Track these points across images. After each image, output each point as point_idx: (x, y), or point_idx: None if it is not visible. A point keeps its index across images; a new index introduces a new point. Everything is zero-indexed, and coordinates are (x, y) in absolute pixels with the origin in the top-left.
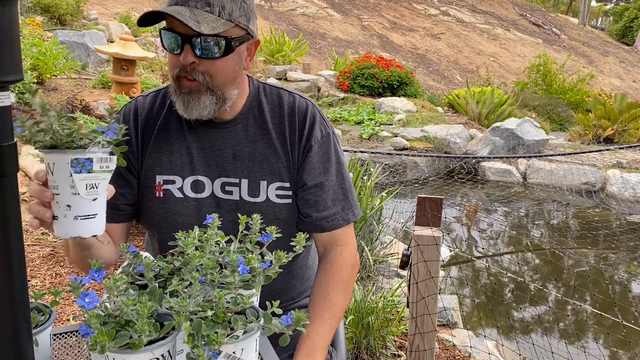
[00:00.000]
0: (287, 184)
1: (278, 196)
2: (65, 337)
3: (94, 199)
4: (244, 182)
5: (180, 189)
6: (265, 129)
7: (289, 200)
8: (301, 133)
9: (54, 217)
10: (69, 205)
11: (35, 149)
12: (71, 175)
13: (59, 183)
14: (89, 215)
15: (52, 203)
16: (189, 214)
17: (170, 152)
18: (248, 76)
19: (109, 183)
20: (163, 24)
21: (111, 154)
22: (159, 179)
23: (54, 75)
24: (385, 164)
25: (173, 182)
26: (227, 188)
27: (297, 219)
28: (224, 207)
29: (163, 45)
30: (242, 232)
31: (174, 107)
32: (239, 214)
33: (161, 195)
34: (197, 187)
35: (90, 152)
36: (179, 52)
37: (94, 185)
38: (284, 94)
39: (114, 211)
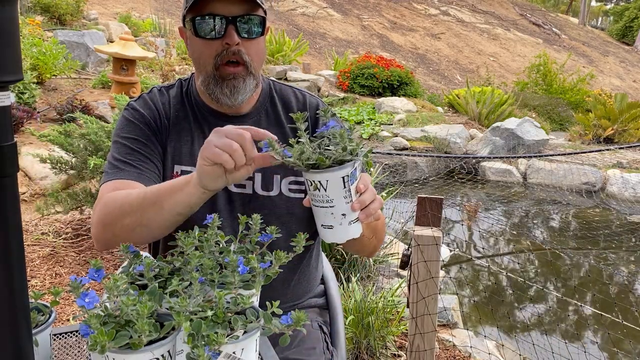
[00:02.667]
0: (301, 178)
1: (291, 190)
2: (65, 337)
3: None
4: (258, 176)
5: None
6: (278, 123)
7: (302, 195)
8: (314, 128)
9: (329, 227)
10: (343, 214)
11: (298, 168)
12: (345, 188)
13: (334, 197)
14: (356, 219)
15: (325, 214)
16: (203, 206)
17: (190, 143)
18: None
19: None
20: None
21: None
22: (177, 168)
23: (54, 75)
24: (385, 164)
25: (190, 172)
26: (241, 181)
27: (310, 216)
28: (237, 201)
29: (197, 35)
30: (242, 232)
31: (190, 101)
32: (253, 209)
33: None
34: None
35: (355, 163)
36: (221, 35)
37: (357, 189)
38: (295, 91)
39: (142, 173)
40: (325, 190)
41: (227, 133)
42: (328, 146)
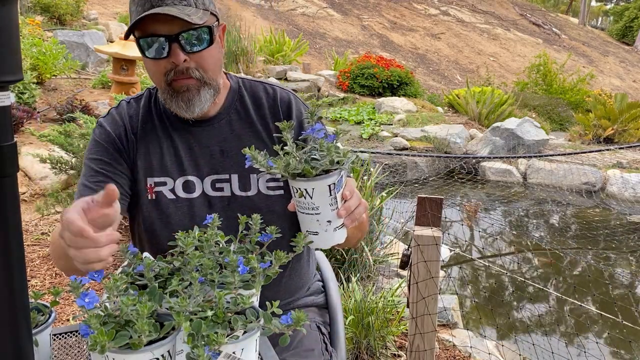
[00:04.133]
0: (279, 175)
1: (269, 188)
2: (65, 337)
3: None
4: (234, 177)
5: (172, 190)
6: (249, 122)
7: (282, 192)
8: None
9: (314, 233)
10: (329, 221)
11: (284, 178)
12: (331, 195)
13: (320, 204)
14: (341, 225)
15: (311, 221)
16: (182, 214)
17: (160, 154)
18: (225, 72)
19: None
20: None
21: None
22: (150, 181)
23: (53, 75)
24: (385, 164)
25: (164, 183)
26: (218, 185)
27: (292, 215)
28: (216, 205)
29: (144, 55)
30: (242, 232)
31: (158, 110)
32: (233, 210)
33: (153, 198)
34: (188, 187)
35: (341, 172)
36: (166, 55)
37: (342, 195)
38: (265, 87)
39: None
40: (312, 197)
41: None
42: (314, 154)
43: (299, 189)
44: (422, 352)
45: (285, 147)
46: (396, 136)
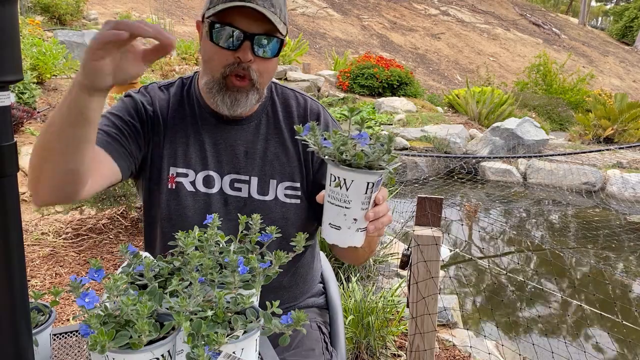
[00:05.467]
0: (298, 184)
1: (287, 195)
2: (65, 337)
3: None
4: (254, 180)
5: (192, 183)
6: (277, 128)
7: (298, 201)
8: None
9: (336, 227)
10: (355, 219)
11: (327, 161)
12: (366, 194)
13: (352, 199)
14: (364, 228)
15: (338, 214)
16: (198, 208)
17: (186, 145)
18: None
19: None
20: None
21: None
22: (173, 170)
23: (54, 75)
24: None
25: (186, 175)
26: (237, 185)
27: (305, 221)
28: (232, 204)
29: (211, 39)
30: (242, 232)
31: (191, 101)
32: (248, 213)
33: (173, 187)
34: (208, 182)
35: (381, 174)
36: (235, 48)
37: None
38: (296, 95)
39: (109, 140)
40: (347, 189)
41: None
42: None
43: (338, 177)
44: (422, 352)
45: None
46: (396, 136)
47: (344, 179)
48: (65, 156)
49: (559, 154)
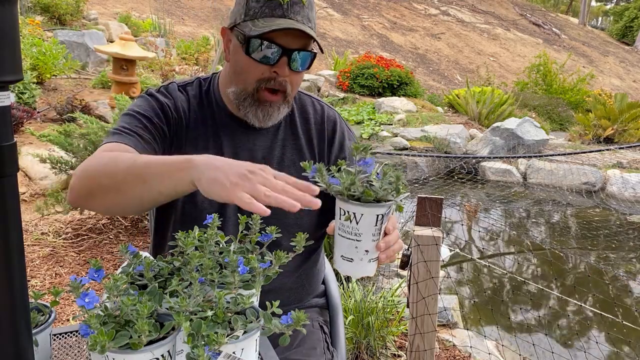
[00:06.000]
0: (331, 192)
1: None
2: (65, 337)
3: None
4: None
5: None
6: (294, 134)
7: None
8: (331, 144)
9: (349, 260)
10: (367, 251)
11: (338, 197)
12: (377, 226)
13: (363, 231)
14: (376, 258)
15: (349, 247)
16: (213, 212)
17: (205, 149)
18: None
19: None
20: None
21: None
22: None
23: (53, 75)
24: (385, 164)
25: None
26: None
27: (316, 228)
28: (246, 210)
29: (248, 53)
30: (241, 232)
31: (211, 104)
32: (262, 217)
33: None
34: None
35: (390, 205)
36: (272, 63)
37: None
38: (313, 101)
39: (145, 145)
40: (357, 223)
41: (267, 182)
42: (369, 180)
43: (348, 211)
44: (422, 352)
45: (342, 167)
46: (396, 136)
47: (354, 213)
48: (140, 200)
49: (559, 154)
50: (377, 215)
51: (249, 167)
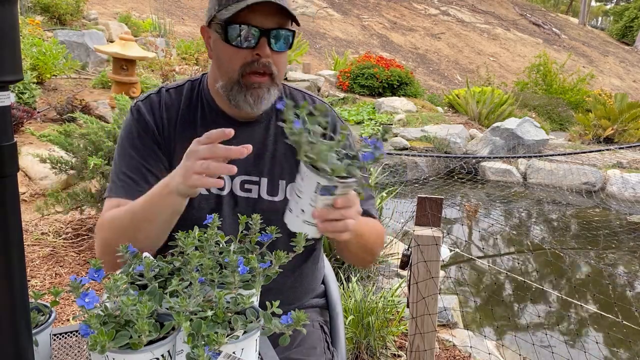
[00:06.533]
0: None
1: None
2: (65, 337)
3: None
4: (264, 181)
5: None
6: None
7: None
8: (323, 136)
9: (290, 210)
10: (302, 210)
11: (297, 157)
12: (316, 193)
13: (304, 191)
14: (313, 223)
15: (292, 200)
16: (209, 209)
17: None
18: None
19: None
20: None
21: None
22: None
23: (53, 75)
24: (385, 164)
25: None
26: (247, 186)
27: None
28: (241, 205)
29: (226, 40)
30: (242, 232)
31: (202, 103)
32: (257, 213)
33: None
34: None
35: (337, 182)
36: (253, 46)
37: (331, 203)
38: (304, 96)
39: (152, 181)
40: (302, 182)
41: (199, 155)
42: (345, 156)
43: (299, 170)
44: (422, 352)
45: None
46: (396, 136)
47: (303, 173)
48: (157, 233)
49: (559, 154)
50: (317, 183)
51: (186, 154)
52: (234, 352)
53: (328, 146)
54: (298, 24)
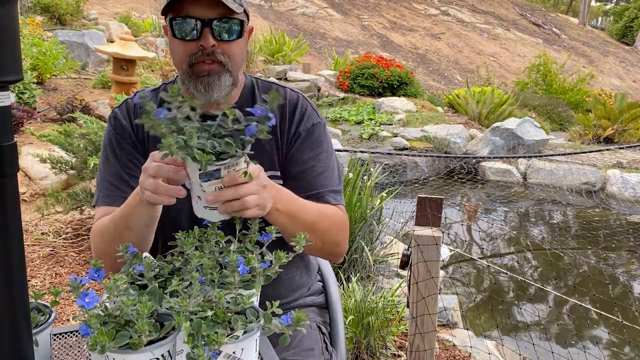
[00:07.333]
0: (278, 173)
1: None
2: (65, 337)
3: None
4: None
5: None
6: None
7: (280, 183)
8: (291, 122)
9: (192, 199)
10: (199, 197)
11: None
12: (200, 179)
13: (193, 180)
14: (214, 207)
15: (191, 189)
16: (189, 202)
17: None
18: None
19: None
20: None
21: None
22: None
23: (53, 75)
24: (385, 164)
25: None
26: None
27: None
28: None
29: (174, 35)
30: (241, 231)
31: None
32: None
33: None
34: None
35: (216, 165)
36: (197, 37)
37: (221, 186)
38: (278, 87)
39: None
40: (188, 170)
41: (149, 172)
42: (224, 135)
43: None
44: (422, 352)
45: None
46: (396, 136)
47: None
48: (139, 237)
49: (559, 154)
50: (199, 169)
51: (142, 167)
52: (234, 352)
53: (196, 129)
54: (247, 14)
